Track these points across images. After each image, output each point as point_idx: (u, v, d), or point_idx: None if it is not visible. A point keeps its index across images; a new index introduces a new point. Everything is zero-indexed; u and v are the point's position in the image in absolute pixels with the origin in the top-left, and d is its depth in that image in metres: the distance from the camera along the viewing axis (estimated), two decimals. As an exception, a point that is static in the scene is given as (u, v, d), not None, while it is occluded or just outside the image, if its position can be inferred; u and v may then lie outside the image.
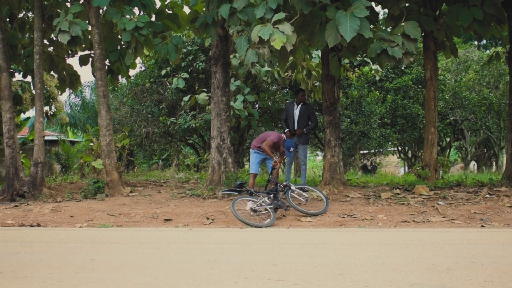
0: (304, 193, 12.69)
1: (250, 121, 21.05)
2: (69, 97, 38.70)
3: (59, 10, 15.69)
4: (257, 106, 23.28)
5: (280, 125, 20.45)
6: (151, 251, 8.19)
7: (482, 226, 10.56)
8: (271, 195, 11.88)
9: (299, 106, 14.83)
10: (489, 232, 9.82)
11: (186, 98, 21.38)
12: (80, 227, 11.41)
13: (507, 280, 5.85)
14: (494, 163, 32.68)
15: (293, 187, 12.37)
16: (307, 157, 15.88)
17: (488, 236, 9.29)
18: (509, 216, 11.34)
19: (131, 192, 14.80)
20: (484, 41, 43.67)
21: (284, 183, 12.43)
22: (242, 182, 12.39)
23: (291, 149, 13.18)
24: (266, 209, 11.53)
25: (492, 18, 13.72)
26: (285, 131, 14.78)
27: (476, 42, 38.39)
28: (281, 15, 11.39)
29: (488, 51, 36.38)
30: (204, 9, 14.97)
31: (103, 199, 14.09)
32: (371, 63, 22.35)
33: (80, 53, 16.88)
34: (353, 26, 11.08)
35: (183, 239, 9.59)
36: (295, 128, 14.69)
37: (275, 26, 11.36)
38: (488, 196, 12.97)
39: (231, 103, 18.80)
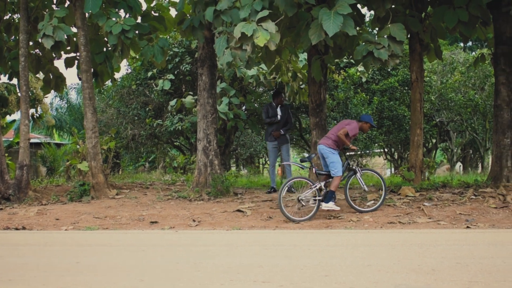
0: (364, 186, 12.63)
1: (237, 123, 21.04)
2: (54, 100, 38.59)
3: (45, 12, 15.63)
4: (243, 108, 23.28)
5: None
6: (137, 253, 8.17)
7: (468, 227, 10.60)
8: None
9: (279, 107, 15.06)
10: (474, 233, 9.86)
11: (172, 103, 21.33)
12: (65, 230, 11.36)
13: (492, 280, 5.88)
14: (479, 164, 32.87)
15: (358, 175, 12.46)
16: (290, 156, 15.94)
17: (473, 237, 9.33)
18: (494, 217, 11.39)
19: (117, 194, 14.77)
20: (469, 43, 43.91)
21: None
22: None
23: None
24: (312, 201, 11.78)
25: (477, 19, 13.78)
26: (273, 133, 14.93)
27: (462, 44, 38.61)
28: (265, 12, 11.40)
29: (473, 53, 36.56)
30: (191, 11, 14.96)
31: (89, 202, 14.05)
32: (356, 65, 22.39)
33: (65, 55, 16.83)
34: (337, 22, 11.12)
35: (169, 241, 9.57)
36: (278, 128, 14.92)
37: (259, 24, 11.38)
38: (474, 197, 13.02)
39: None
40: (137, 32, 14.59)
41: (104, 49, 16.24)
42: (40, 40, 14.25)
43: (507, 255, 7.44)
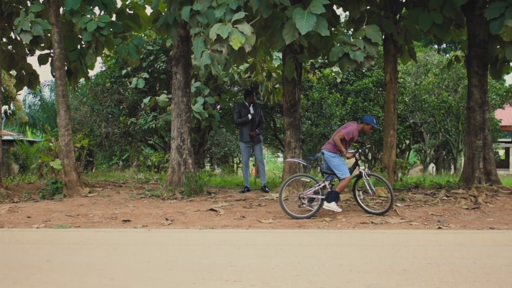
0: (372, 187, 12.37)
1: (211, 122, 21.00)
2: (27, 97, 38.28)
3: (20, 7, 15.49)
4: (218, 107, 23.25)
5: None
6: (109, 252, 8.14)
7: (439, 227, 10.67)
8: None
9: (251, 106, 15.09)
10: (446, 234, 9.93)
11: (146, 100, 21.24)
12: (37, 227, 11.26)
13: (462, 281, 5.93)
14: (452, 166, 33.12)
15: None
16: (263, 155, 15.96)
17: (444, 238, 9.40)
18: (465, 218, 11.49)
19: (89, 192, 14.67)
20: (444, 45, 44.26)
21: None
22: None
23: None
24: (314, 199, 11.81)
25: (451, 22, 13.90)
26: (250, 133, 14.93)
27: (436, 46, 38.91)
28: (240, 14, 11.42)
29: (447, 55, 36.87)
30: (166, 9, 14.90)
31: (61, 200, 13.95)
32: (331, 66, 22.44)
33: (39, 52, 16.68)
34: (310, 22, 11.18)
35: (142, 240, 9.54)
36: (252, 128, 14.93)
37: (235, 26, 11.38)
38: (446, 198, 13.12)
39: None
40: (111, 29, 14.50)
41: (78, 47, 16.12)
42: (17, 36, 14.13)
43: (477, 256, 7.51)
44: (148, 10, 16.87)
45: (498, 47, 14.63)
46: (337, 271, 6.46)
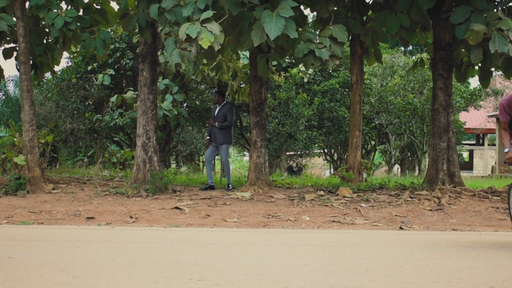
0: None
1: (179, 120, 20.95)
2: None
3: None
4: (185, 105, 23.21)
5: (207, 124, 20.63)
6: (72, 249, 8.08)
7: (402, 228, 10.77)
8: None
9: (218, 107, 15.31)
10: (409, 235, 10.02)
11: (113, 99, 21.09)
12: (-1, 224, 11.17)
13: (424, 281, 5.97)
14: (417, 167, 33.40)
15: None
16: (229, 156, 15.99)
17: (407, 239, 9.48)
18: (428, 219, 11.60)
19: (53, 189, 14.55)
20: (410, 47, 44.63)
21: None
22: None
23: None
24: None
25: (417, 25, 14.03)
26: (206, 138, 15.21)
27: (402, 48, 39.21)
28: (209, 13, 11.43)
29: (413, 57, 37.16)
30: (134, 7, 14.82)
31: (24, 196, 13.80)
32: (298, 65, 22.51)
33: (4, 46, 16.49)
34: (278, 25, 11.26)
35: (105, 237, 9.48)
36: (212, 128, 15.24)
37: (203, 25, 11.38)
38: (410, 199, 13.23)
39: (160, 103, 18.76)
40: (79, 24, 14.39)
41: (45, 41, 15.98)
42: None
43: (440, 256, 7.58)
44: (113, 5, 16.74)
45: (463, 50, 14.82)
46: (301, 271, 6.48)
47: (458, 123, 30.93)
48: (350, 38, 14.69)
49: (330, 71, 26.21)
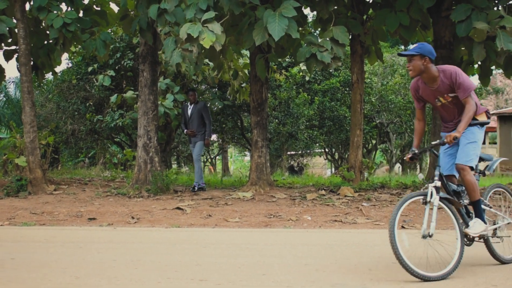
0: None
1: (180, 120, 20.95)
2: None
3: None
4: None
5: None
6: (74, 250, 8.08)
7: (404, 227, 10.76)
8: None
9: (192, 106, 15.04)
10: (411, 234, 10.01)
11: (113, 98, 21.09)
12: (1, 225, 11.15)
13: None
14: (418, 166, 33.38)
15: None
16: (201, 154, 15.64)
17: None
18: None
19: (55, 190, 14.56)
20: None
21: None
22: None
23: None
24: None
25: (417, 23, 14.03)
26: (185, 131, 14.98)
27: (402, 47, 39.17)
28: (211, 13, 11.44)
29: (414, 56, 37.07)
30: (134, 7, 14.83)
31: (26, 197, 13.82)
32: (299, 64, 22.52)
33: (5, 48, 16.51)
34: (282, 25, 11.25)
35: (107, 238, 9.49)
36: (190, 128, 15.01)
37: (205, 25, 11.38)
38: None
39: (161, 100, 18.77)
40: (79, 25, 14.40)
41: (45, 42, 15.99)
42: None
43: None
44: (113, 6, 16.74)
45: (463, 48, 14.81)
46: (303, 271, 6.49)
47: (459, 121, 30.86)
48: (350, 37, 14.69)
49: (331, 71, 26.21)
